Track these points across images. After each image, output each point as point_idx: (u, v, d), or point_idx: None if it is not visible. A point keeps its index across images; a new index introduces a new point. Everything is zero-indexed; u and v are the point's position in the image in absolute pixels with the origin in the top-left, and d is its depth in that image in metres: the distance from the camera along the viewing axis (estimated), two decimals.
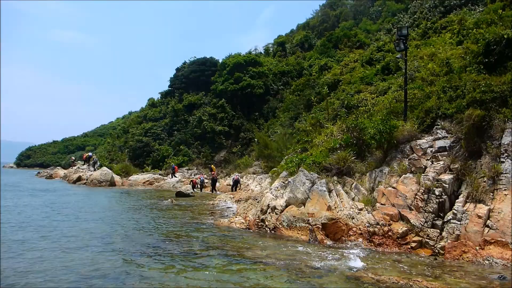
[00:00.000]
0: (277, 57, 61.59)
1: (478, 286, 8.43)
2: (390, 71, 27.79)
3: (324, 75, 40.81)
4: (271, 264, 9.67)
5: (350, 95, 26.71)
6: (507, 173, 11.66)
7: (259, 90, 50.55)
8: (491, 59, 15.02)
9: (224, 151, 49.10)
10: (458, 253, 10.98)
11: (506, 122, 12.58)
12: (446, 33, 28.20)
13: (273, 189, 15.95)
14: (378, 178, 14.34)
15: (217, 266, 9.36)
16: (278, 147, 31.65)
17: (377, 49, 36.44)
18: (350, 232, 12.50)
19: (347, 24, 63.82)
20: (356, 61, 38.80)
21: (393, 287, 7.96)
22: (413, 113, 15.91)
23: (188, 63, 61.96)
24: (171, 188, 34.84)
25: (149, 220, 16.44)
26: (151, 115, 58.69)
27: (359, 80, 30.01)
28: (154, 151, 50.88)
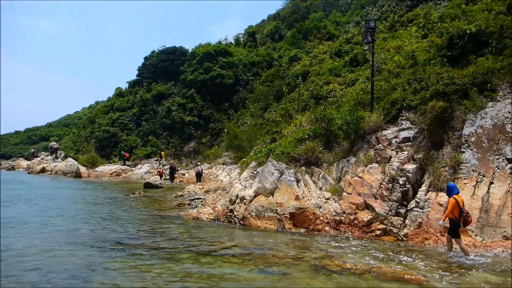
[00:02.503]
0: (247, 48, 61.29)
1: (438, 268, 8.76)
2: (358, 63, 28.23)
3: (294, 66, 41.05)
4: (240, 255, 9.69)
5: (319, 86, 27.01)
6: (467, 163, 12.12)
7: (229, 80, 50.27)
8: (454, 53, 15.50)
9: (193, 142, 48.72)
10: (420, 239, 11.37)
11: (467, 114, 13.05)
12: (412, 26, 28.83)
13: (242, 180, 16.00)
14: (345, 168, 14.62)
15: (185, 259, 9.26)
16: (248, 138, 31.70)
17: (346, 41, 36.88)
18: (318, 221, 12.71)
19: (317, 15, 64.20)
20: (325, 52, 39.20)
21: (358, 274, 8.15)
22: (379, 104, 16.25)
23: (156, 52, 60.83)
24: (139, 180, 34.38)
25: (115, 213, 16.16)
26: (119, 104, 57.38)
27: (328, 72, 30.35)
28: (121, 142, 49.93)
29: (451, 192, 10.20)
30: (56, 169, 37.09)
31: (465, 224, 10.08)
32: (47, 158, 43.63)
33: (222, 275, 8.02)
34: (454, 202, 9.96)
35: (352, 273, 8.18)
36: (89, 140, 53.33)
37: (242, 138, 33.08)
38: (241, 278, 7.88)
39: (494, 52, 14.38)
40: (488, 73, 13.53)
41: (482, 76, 13.53)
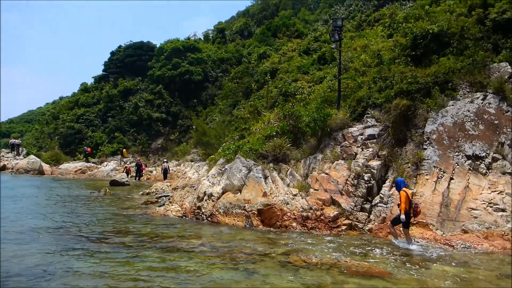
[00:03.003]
0: (216, 44, 61.01)
1: (401, 261, 9.02)
2: (326, 61, 28.63)
3: (263, 63, 41.20)
4: (207, 252, 9.65)
5: (288, 84, 27.23)
6: (429, 159, 12.52)
7: (198, 76, 49.94)
8: (418, 52, 15.92)
9: (161, 139, 48.16)
10: (384, 234, 11.67)
11: (429, 112, 13.46)
12: (378, 26, 29.47)
13: (210, 176, 15.94)
14: (312, 165, 14.81)
15: (151, 257, 9.13)
16: (216, 134, 31.63)
17: (314, 39, 37.32)
18: (285, 217, 12.81)
19: (286, 13, 64.50)
20: (294, 50, 39.56)
21: (324, 269, 8.27)
22: (346, 102, 16.54)
23: (123, 47, 59.67)
24: (105, 177, 33.64)
25: (79, 212, 15.75)
26: (84, 100, 55.92)
27: (296, 69, 30.63)
28: (87, 139, 48.75)
29: (400, 187, 10.84)
30: (17, 166, 35.79)
31: (415, 215, 10.79)
32: (8, 155, 42.03)
33: (189, 272, 7.97)
34: (405, 195, 10.54)
35: (318, 269, 8.28)
36: (52, 137, 51.83)
37: (211, 135, 32.96)
38: (208, 275, 7.85)
39: (455, 52, 14.88)
40: (449, 73, 14.00)
41: (444, 76, 13.98)
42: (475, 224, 10.97)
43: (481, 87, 13.37)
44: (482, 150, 12.15)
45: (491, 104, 12.83)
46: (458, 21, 15.85)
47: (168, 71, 50.17)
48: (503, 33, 14.62)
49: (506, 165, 11.74)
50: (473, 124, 12.69)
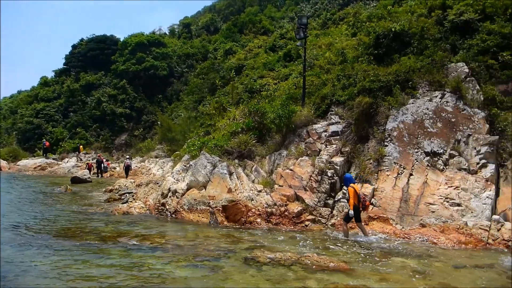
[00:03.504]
0: (182, 39, 60.36)
1: (362, 255, 9.23)
2: (291, 58, 28.87)
3: (229, 59, 41.10)
4: (171, 250, 9.54)
5: (253, 80, 27.27)
6: (390, 156, 12.86)
7: (163, 72, 49.28)
8: (380, 51, 16.29)
9: (125, 134, 47.28)
10: None
11: (390, 110, 13.82)
12: (343, 24, 29.97)
13: (175, 173, 15.79)
14: (277, 161, 14.90)
15: (114, 255, 8.93)
16: (181, 131, 31.33)
17: (280, 36, 37.55)
18: (250, 213, 12.84)
19: (253, 9, 64.55)
20: (260, 47, 39.67)
21: (287, 265, 8.33)
22: (310, 99, 16.74)
23: (86, 40, 58.08)
24: (66, 174, 32.69)
25: (39, 210, 15.25)
26: (44, 94, 54.04)
27: (262, 66, 30.75)
28: (47, 134, 47.17)
29: (348, 182, 11.16)
30: None
31: (364, 209, 11.15)
32: None
33: (153, 270, 7.86)
34: (353, 191, 10.86)
35: (281, 265, 8.33)
36: (10, 132, 49.85)
37: (176, 131, 32.62)
38: (172, 272, 7.77)
39: (416, 52, 15.32)
40: (409, 72, 14.41)
41: (404, 74, 14.38)
42: (433, 219, 11.36)
43: (440, 86, 13.84)
44: (440, 147, 12.58)
45: (449, 103, 13.29)
46: (418, 21, 16.31)
47: (132, 66, 49.24)
48: (460, 34, 15.17)
49: (462, 161, 12.21)
50: (431, 122, 13.12)
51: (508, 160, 12.29)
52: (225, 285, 7.06)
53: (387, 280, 7.52)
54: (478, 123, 12.67)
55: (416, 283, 7.42)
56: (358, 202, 10.90)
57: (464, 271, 8.32)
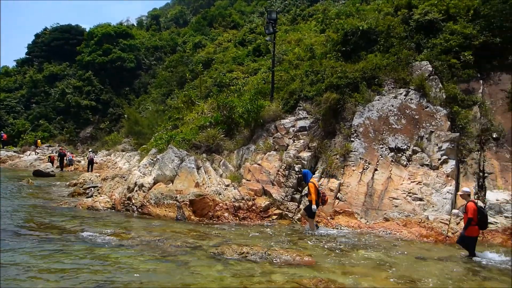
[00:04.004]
0: (150, 31, 59.27)
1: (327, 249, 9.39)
2: (261, 53, 28.88)
3: (198, 53, 40.72)
4: (137, 245, 9.37)
5: (223, 74, 27.13)
6: (356, 151, 13.10)
7: (130, 64, 48.29)
8: (348, 48, 16.52)
9: (90, 127, 46.10)
10: None
11: (356, 106, 14.07)
12: (312, 21, 30.19)
13: (141, 167, 15.57)
14: (245, 155, 14.92)
15: (78, 250, 8.71)
16: (149, 124, 30.87)
17: (249, 31, 37.46)
18: (217, 207, 12.80)
19: (223, 3, 63.98)
20: (230, 41, 39.48)
21: (254, 260, 8.36)
22: (279, 94, 16.82)
23: (50, 30, 56.15)
24: (28, 167, 31.62)
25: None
26: (4, 85, 51.90)
27: (231, 60, 30.63)
28: (7, 126, 45.43)
29: (307, 178, 11.43)
30: None
31: (323, 204, 11.48)
32: None
33: (118, 266, 7.70)
34: (314, 186, 11.12)
35: (248, 259, 8.36)
36: None
37: (143, 124, 32.11)
38: (138, 268, 7.64)
39: (382, 49, 15.63)
40: (376, 69, 14.70)
41: (371, 71, 14.66)
42: (396, 213, 11.67)
43: (404, 84, 14.19)
44: (404, 143, 12.92)
45: (413, 100, 13.65)
46: (385, 20, 16.62)
47: (98, 57, 47.99)
48: (425, 33, 15.56)
49: (425, 157, 12.58)
50: (396, 119, 13.45)
51: (467, 156, 12.76)
52: (191, 280, 7.02)
53: (351, 273, 7.68)
54: (440, 120, 13.07)
55: (379, 275, 7.60)
56: (318, 197, 11.13)
57: (425, 263, 8.59)
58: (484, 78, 14.35)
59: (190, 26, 55.70)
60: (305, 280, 7.00)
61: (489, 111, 13.44)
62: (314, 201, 10.99)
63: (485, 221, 9.22)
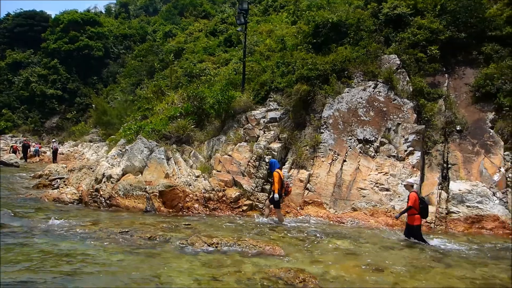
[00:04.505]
0: (119, 19, 57.96)
1: (296, 239, 9.51)
2: (232, 43, 28.73)
3: (168, 42, 40.13)
4: (105, 238, 9.19)
5: (193, 64, 26.85)
6: (325, 143, 13.27)
7: (98, 52, 47.15)
8: (318, 40, 16.64)
9: (56, 117, 44.88)
10: (283, 213, 12.15)
11: (326, 98, 14.23)
12: (283, 12, 30.17)
13: (110, 157, 15.26)
14: (216, 146, 14.87)
15: (43, 244, 8.47)
16: (117, 114, 30.27)
17: (221, 21, 37.17)
18: (187, 198, 12.73)
19: None
20: (201, 30, 39.06)
21: (223, 251, 8.37)
22: (250, 85, 16.80)
23: (12, 15, 54.06)
24: None
25: None
26: None
27: (202, 50, 30.35)
28: None
29: (274, 167, 11.53)
30: None
31: (287, 194, 11.66)
32: None
33: (85, 259, 7.55)
34: (278, 176, 11.18)
35: (218, 250, 8.36)
36: None
37: (112, 115, 31.46)
38: (105, 261, 7.51)
39: (352, 42, 15.83)
40: (345, 61, 14.89)
41: (341, 64, 14.84)
42: (363, 203, 11.93)
43: (373, 77, 14.43)
44: (372, 135, 13.18)
45: (381, 93, 13.92)
46: (355, 13, 16.82)
47: (64, 45, 46.61)
48: (393, 27, 15.89)
49: (392, 148, 12.88)
50: (365, 111, 13.69)
51: (432, 148, 13.16)
52: (161, 271, 6.97)
53: (320, 262, 7.81)
54: (407, 113, 13.39)
55: (347, 264, 7.77)
56: (282, 188, 11.21)
57: (391, 252, 8.84)
58: (449, 72, 14.80)
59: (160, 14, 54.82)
60: (274, 270, 7.06)
61: (453, 104, 13.89)
62: (276, 190, 11.09)
63: (426, 210, 9.86)
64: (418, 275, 7.25)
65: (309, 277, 6.70)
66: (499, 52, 14.25)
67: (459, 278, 7.14)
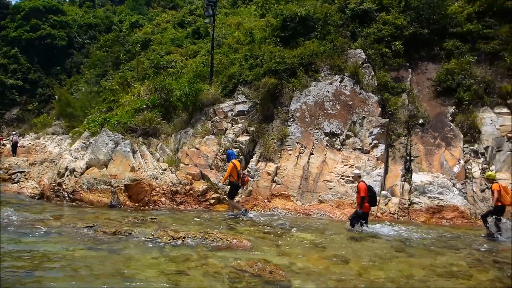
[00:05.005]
0: (84, 8, 56.12)
1: (263, 232, 9.57)
2: (200, 35, 28.39)
3: (135, 33, 39.21)
4: (68, 233, 8.98)
5: (160, 56, 26.40)
6: (292, 136, 13.39)
7: (62, 42, 45.56)
8: (287, 34, 16.71)
9: (17, 108, 43.18)
10: (250, 206, 12.24)
11: (294, 91, 14.34)
12: (252, 5, 30.00)
13: (73, 151, 14.90)
14: (183, 139, 14.75)
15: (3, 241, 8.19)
16: (82, 106, 29.32)
17: (189, 12, 36.61)
18: (154, 192, 12.59)
19: None
20: (169, 21, 38.36)
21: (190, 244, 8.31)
22: (218, 77, 16.72)
23: None
24: None
25: None
26: None
27: (170, 41, 29.86)
28: None
29: (230, 158, 11.60)
30: None
31: (243, 185, 11.71)
32: None
33: (47, 254, 7.34)
34: (232, 166, 11.26)
35: (184, 244, 8.30)
36: None
37: (76, 106, 30.45)
38: (69, 256, 7.33)
39: (319, 36, 15.99)
40: (313, 55, 15.03)
41: (308, 58, 14.98)
42: (330, 195, 12.13)
43: (340, 71, 14.65)
44: (338, 128, 13.39)
45: (347, 87, 14.14)
46: (322, 7, 16.98)
47: (25, 33, 44.79)
48: (359, 22, 16.12)
49: (357, 141, 13.13)
50: (331, 104, 13.88)
51: (396, 141, 13.50)
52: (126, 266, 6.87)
53: (286, 254, 7.88)
54: (372, 107, 13.67)
55: (313, 256, 7.88)
56: (238, 178, 11.27)
57: (356, 243, 9.03)
58: (412, 67, 15.19)
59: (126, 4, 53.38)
60: (241, 263, 7.09)
61: (416, 99, 14.28)
62: (224, 180, 11.38)
63: (374, 199, 10.25)
64: (382, 265, 7.44)
65: (276, 269, 6.76)
66: (460, 48, 14.72)
67: (420, 267, 7.38)
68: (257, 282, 6.32)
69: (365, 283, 6.44)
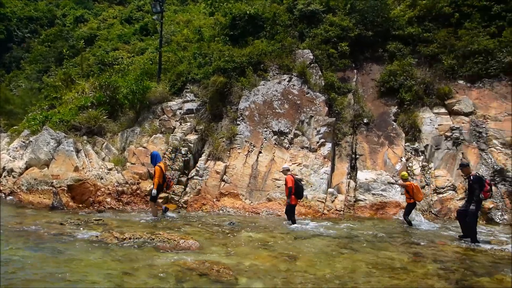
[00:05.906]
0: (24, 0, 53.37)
1: (211, 232, 9.52)
2: (148, 32, 27.84)
3: (79, 28, 37.82)
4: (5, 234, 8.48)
5: (106, 52, 25.61)
6: (241, 134, 13.44)
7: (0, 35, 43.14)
8: (236, 33, 16.74)
9: None
10: (199, 205, 12.15)
11: (243, 90, 14.39)
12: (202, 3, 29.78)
13: (11, 150, 14.17)
14: (130, 138, 14.41)
15: None
16: (22, 103, 27.96)
17: (137, 8, 35.82)
18: (99, 192, 12.19)
19: None
20: (115, 17, 37.34)
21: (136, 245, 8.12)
22: (166, 75, 16.46)
23: None
24: None
25: None
26: None
27: (116, 38, 29.07)
28: None
29: (156, 161, 11.11)
30: None
31: (168, 188, 11.53)
32: None
33: None
34: (159, 170, 10.85)
35: (130, 245, 8.10)
36: None
37: (15, 103, 28.99)
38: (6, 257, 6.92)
39: (268, 36, 16.15)
40: (262, 55, 15.16)
41: (257, 57, 15.09)
42: (278, 193, 12.27)
43: (288, 70, 14.86)
44: (286, 127, 13.58)
45: (295, 86, 14.37)
46: (271, 7, 17.16)
47: None
48: (307, 23, 16.43)
49: (305, 140, 13.38)
50: (280, 103, 14.05)
51: (342, 139, 13.89)
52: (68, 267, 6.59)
53: (235, 254, 7.89)
54: (319, 106, 13.98)
55: (261, 254, 7.94)
56: (163, 182, 10.94)
57: (303, 241, 9.18)
58: (358, 68, 15.70)
59: None
60: (189, 263, 7.02)
61: (361, 99, 14.77)
62: (156, 185, 10.74)
63: (301, 192, 10.62)
64: (328, 261, 7.62)
65: (223, 268, 6.76)
66: (402, 51, 15.38)
67: (363, 262, 7.64)
68: (204, 281, 6.28)
69: (312, 280, 6.57)
